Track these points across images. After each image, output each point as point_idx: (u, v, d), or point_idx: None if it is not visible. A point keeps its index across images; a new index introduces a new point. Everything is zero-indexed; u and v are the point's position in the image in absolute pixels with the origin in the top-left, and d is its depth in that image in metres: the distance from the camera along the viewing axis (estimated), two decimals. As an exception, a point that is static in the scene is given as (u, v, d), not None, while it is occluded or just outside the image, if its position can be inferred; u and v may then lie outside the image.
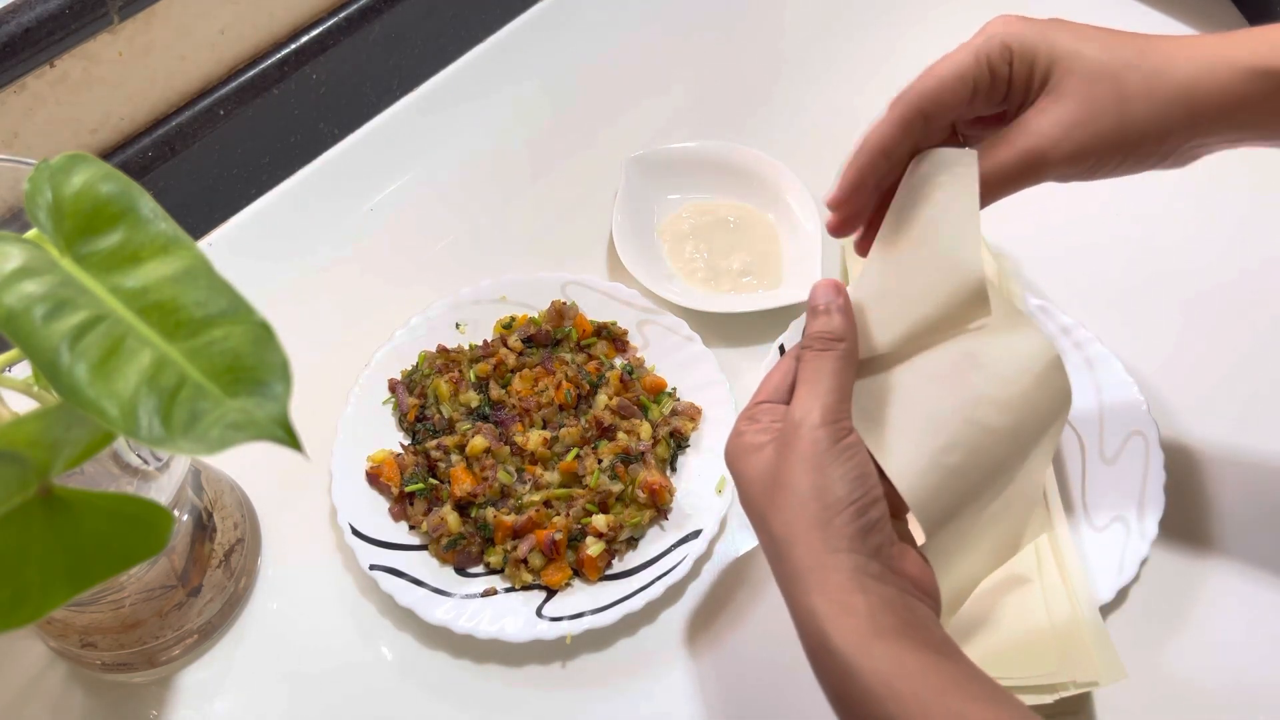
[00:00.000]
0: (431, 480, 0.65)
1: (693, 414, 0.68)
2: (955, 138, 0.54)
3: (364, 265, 0.77)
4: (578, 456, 0.66)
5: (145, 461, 0.51)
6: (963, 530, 0.49)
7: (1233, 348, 0.73)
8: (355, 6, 0.80)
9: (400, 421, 0.69)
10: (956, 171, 0.50)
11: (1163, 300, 0.75)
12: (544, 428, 0.67)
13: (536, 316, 0.72)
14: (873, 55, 0.90)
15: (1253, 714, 0.59)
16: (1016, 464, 0.50)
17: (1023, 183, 0.50)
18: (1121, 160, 0.49)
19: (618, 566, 0.63)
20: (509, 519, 0.63)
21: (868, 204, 0.53)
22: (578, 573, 0.63)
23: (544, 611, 0.61)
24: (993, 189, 0.50)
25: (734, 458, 0.50)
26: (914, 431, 0.48)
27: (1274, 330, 0.74)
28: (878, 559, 0.45)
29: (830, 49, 0.91)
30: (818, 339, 0.49)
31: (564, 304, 0.72)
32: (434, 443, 0.66)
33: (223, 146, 0.77)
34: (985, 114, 0.52)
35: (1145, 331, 0.73)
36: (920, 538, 0.49)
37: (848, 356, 0.48)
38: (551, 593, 0.62)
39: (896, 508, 0.49)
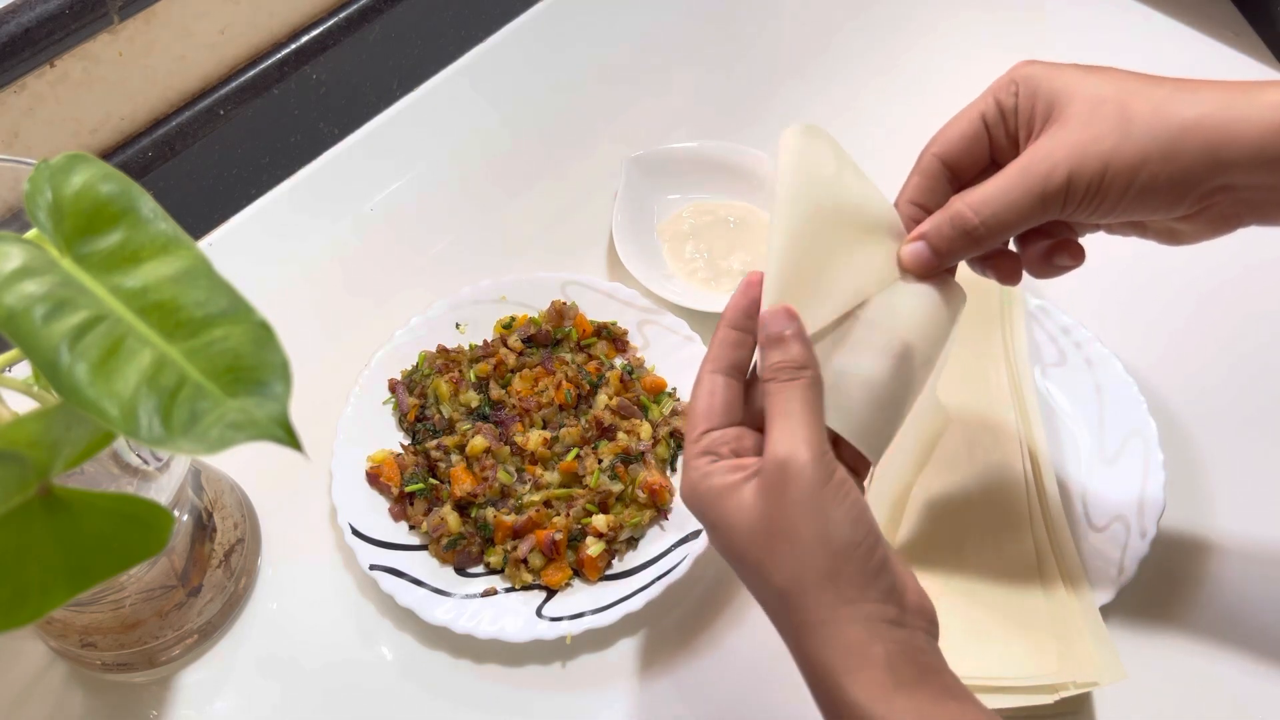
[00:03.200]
0: (431, 480, 0.65)
1: (693, 414, 0.68)
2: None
3: (364, 265, 0.77)
4: (578, 456, 0.66)
5: (145, 461, 0.51)
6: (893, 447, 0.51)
7: (1233, 348, 0.73)
8: (355, 6, 0.80)
9: (400, 421, 0.69)
10: None
11: (1163, 300, 0.75)
12: (544, 428, 0.67)
13: (536, 316, 0.72)
14: (873, 55, 0.90)
15: (1252, 713, 0.59)
16: (924, 376, 0.51)
17: (1032, 212, 0.47)
18: (1125, 190, 0.46)
19: (618, 566, 0.63)
20: (509, 519, 0.63)
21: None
22: (578, 573, 0.63)
23: (544, 611, 0.61)
24: (1004, 223, 0.48)
25: (707, 503, 0.46)
26: (857, 390, 0.49)
27: (1274, 330, 0.74)
28: (892, 602, 0.44)
29: (830, 49, 0.91)
30: (782, 369, 0.46)
31: (564, 304, 0.72)
32: (434, 443, 0.66)
33: (223, 146, 0.77)
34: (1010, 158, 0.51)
35: (1145, 331, 0.73)
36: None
37: (816, 384, 0.46)
38: (551, 593, 0.62)
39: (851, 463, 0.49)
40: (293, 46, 0.78)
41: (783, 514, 0.44)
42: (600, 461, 0.65)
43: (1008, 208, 0.47)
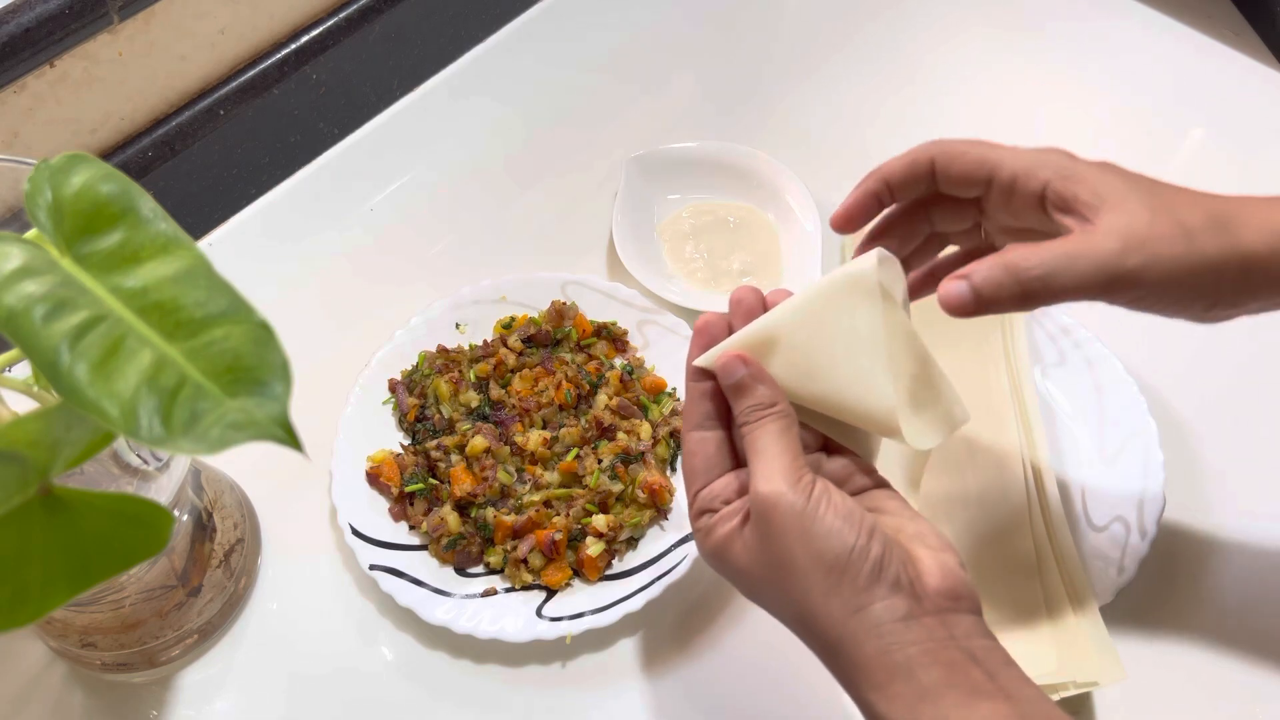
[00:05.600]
0: (431, 480, 0.65)
1: (693, 414, 0.68)
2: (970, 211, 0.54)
3: (364, 265, 0.77)
4: (578, 456, 0.66)
5: (145, 461, 0.51)
6: None
7: (1233, 348, 0.73)
8: (355, 6, 0.80)
9: (400, 421, 0.69)
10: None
11: (1163, 300, 0.75)
12: (544, 428, 0.67)
13: (536, 316, 0.72)
14: (873, 55, 0.90)
15: (1253, 713, 0.59)
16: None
17: (1090, 290, 0.47)
18: (1182, 294, 0.47)
19: (618, 566, 0.63)
20: (509, 519, 0.63)
21: (871, 216, 0.55)
22: (578, 573, 0.63)
23: (544, 611, 0.61)
24: (1062, 287, 0.47)
25: (718, 556, 0.48)
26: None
27: (1274, 330, 0.74)
28: (900, 593, 0.44)
29: (830, 49, 0.91)
30: (751, 412, 0.48)
31: (564, 304, 0.72)
32: (434, 443, 0.66)
33: (223, 146, 0.77)
34: (998, 214, 0.52)
35: (1145, 332, 0.72)
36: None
37: (786, 415, 0.48)
38: (551, 593, 0.62)
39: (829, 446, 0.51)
40: (293, 46, 0.78)
41: (775, 545, 0.45)
42: (600, 461, 0.66)
43: (1072, 277, 0.47)
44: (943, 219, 0.55)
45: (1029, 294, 0.47)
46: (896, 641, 0.43)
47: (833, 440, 0.52)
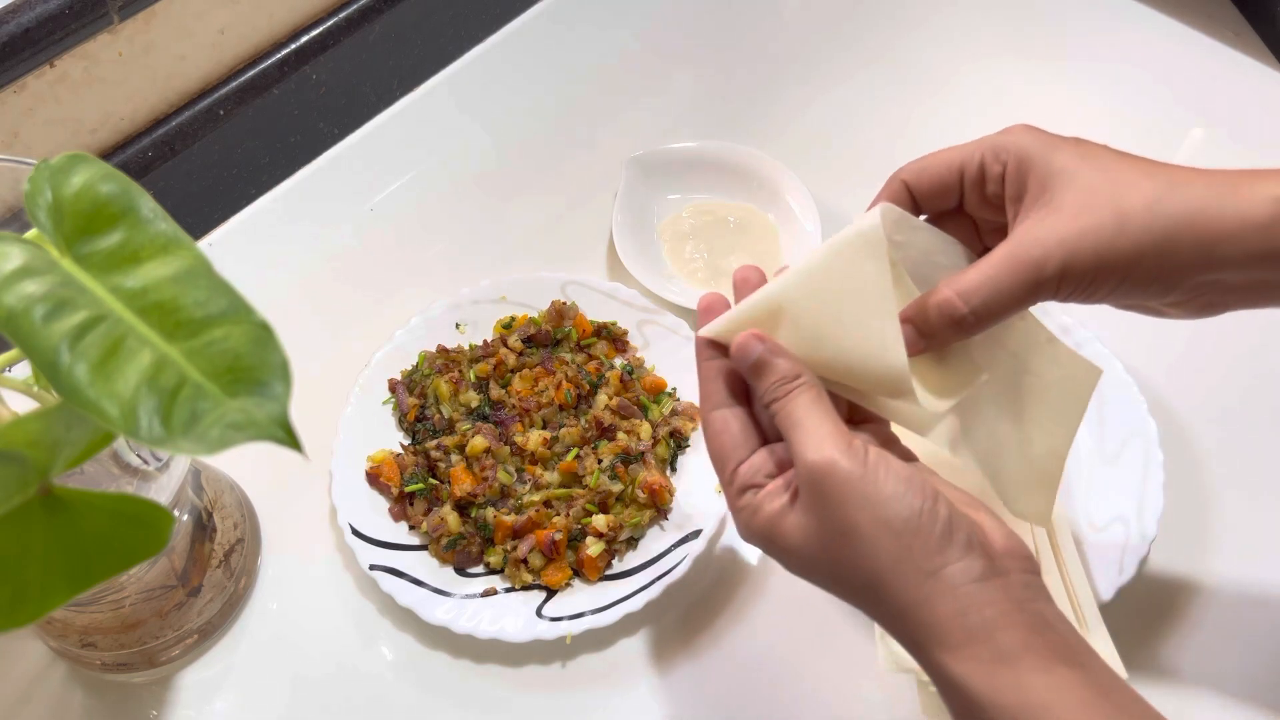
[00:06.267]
0: (431, 480, 0.65)
1: (693, 414, 0.68)
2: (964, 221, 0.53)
3: (364, 265, 0.77)
4: (578, 456, 0.66)
5: (145, 461, 0.51)
6: None
7: (1233, 348, 0.73)
8: (355, 6, 0.80)
9: (400, 421, 0.69)
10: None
11: (1163, 300, 0.75)
12: (544, 428, 0.67)
13: (536, 316, 0.72)
14: (873, 55, 0.90)
15: (1252, 713, 0.59)
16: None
17: (1023, 300, 0.46)
18: (1120, 282, 0.46)
19: (618, 566, 0.63)
20: (509, 519, 0.63)
21: None
22: (578, 573, 0.63)
23: (544, 611, 0.61)
24: (993, 311, 0.47)
25: (767, 535, 0.46)
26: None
27: (1274, 330, 0.74)
28: (972, 554, 0.42)
29: (830, 49, 0.91)
30: (776, 388, 0.46)
31: (564, 304, 0.72)
32: (434, 443, 0.66)
33: (223, 146, 0.77)
34: (980, 213, 0.51)
35: (1145, 332, 0.72)
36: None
37: (813, 387, 0.46)
38: (551, 593, 0.62)
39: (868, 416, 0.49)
40: (293, 46, 0.78)
41: (835, 515, 0.43)
42: (600, 461, 0.66)
43: (998, 295, 0.46)
44: None
45: (967, 329, 0.47)
46: (973, 603, 0.42)
47: (855, 411, 0.49)
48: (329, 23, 0.79)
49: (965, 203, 0.51)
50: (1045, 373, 0.50)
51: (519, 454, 0.66)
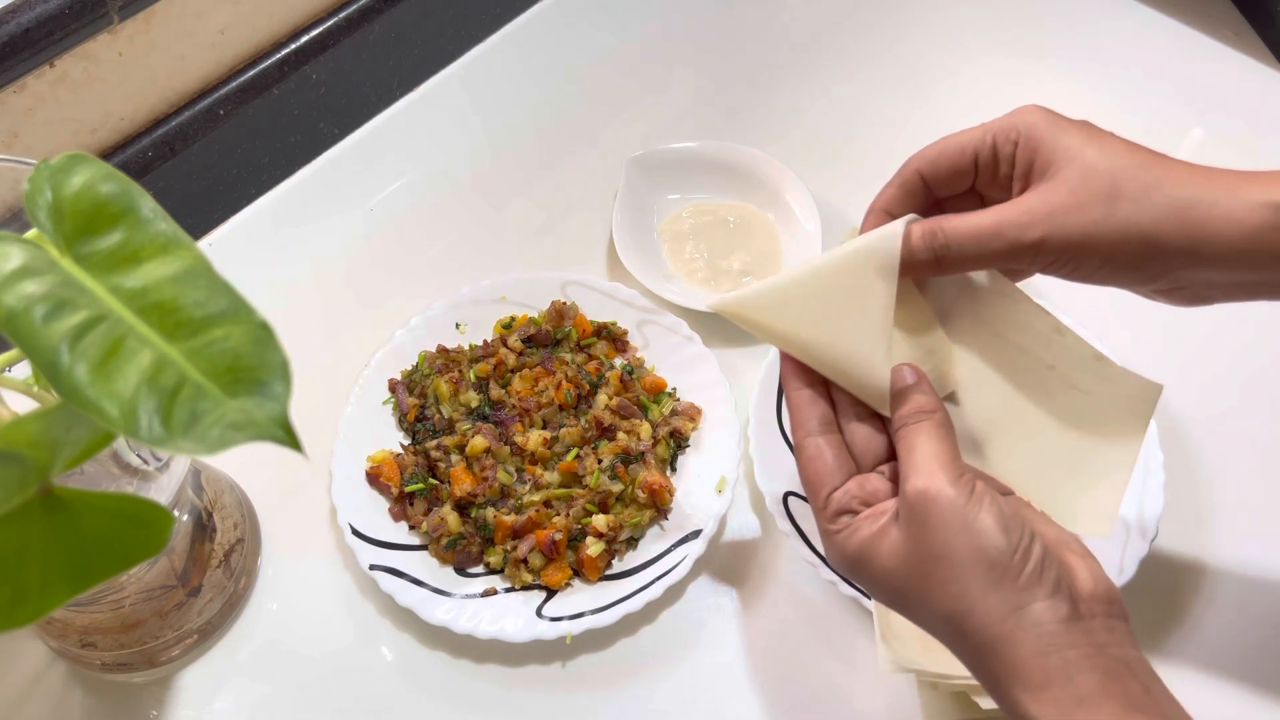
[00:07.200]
0: (431, 480, 0.65)
1: (693, 414, 0.68)
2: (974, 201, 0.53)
3: (364, 265, 0.77)
4: (578, 456, 0.66)
5: (145, 461, 0.51)
6: None
7: (1233, 348, 0.73)
8: (355, 6, 0.80)
9: (400, 421, 0.69)
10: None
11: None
12: (544, 428, 0.67)
13: (536, 316, 0.72)
14: (873, 55, 0.90)
15: (1252, 713, 0.59)
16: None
17: (999, 257, 0.48)
18: (1103, 264, 0.47)
19: (618, 566, 0.63)
20: (509, 519, 0.63)
21: None
22: (578, 573, 0.63)
23: (544, 611, 0.61)
24: (968, 257, 0.48)
25: (861, 557, 0.47)
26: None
27: (1274, 330, 0.74)
28: (1059, 595, 0.43)
29: (830, 48, 0.91)
30: (911, 415, 0.48)
31: (564, 304, 0.72)
32: (434, 443, 0.66)
33: (223, 146, 0.77)
34: (991, 193, 0.52)
35: (1145, 332, 0.73)
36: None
37: (944, 423, 0.48)
38: (551, 593, 0.62)
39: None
40: (293, 46, 0.78)
41: (933, 539, 0.44)
42: (600, 461, 0.66)
43: (977, 245, 0.48)
44: None
45: (944, 263, 0.48)
46: (1055, 644, 0.42)
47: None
48: (329, 23, 0.79)
49: (978, 182, 0.51)
50: (1097, 390, 0.51)
51: (519, 454, 0.66)
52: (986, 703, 0.55)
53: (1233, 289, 0.48)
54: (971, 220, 0.48)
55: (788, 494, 0.63)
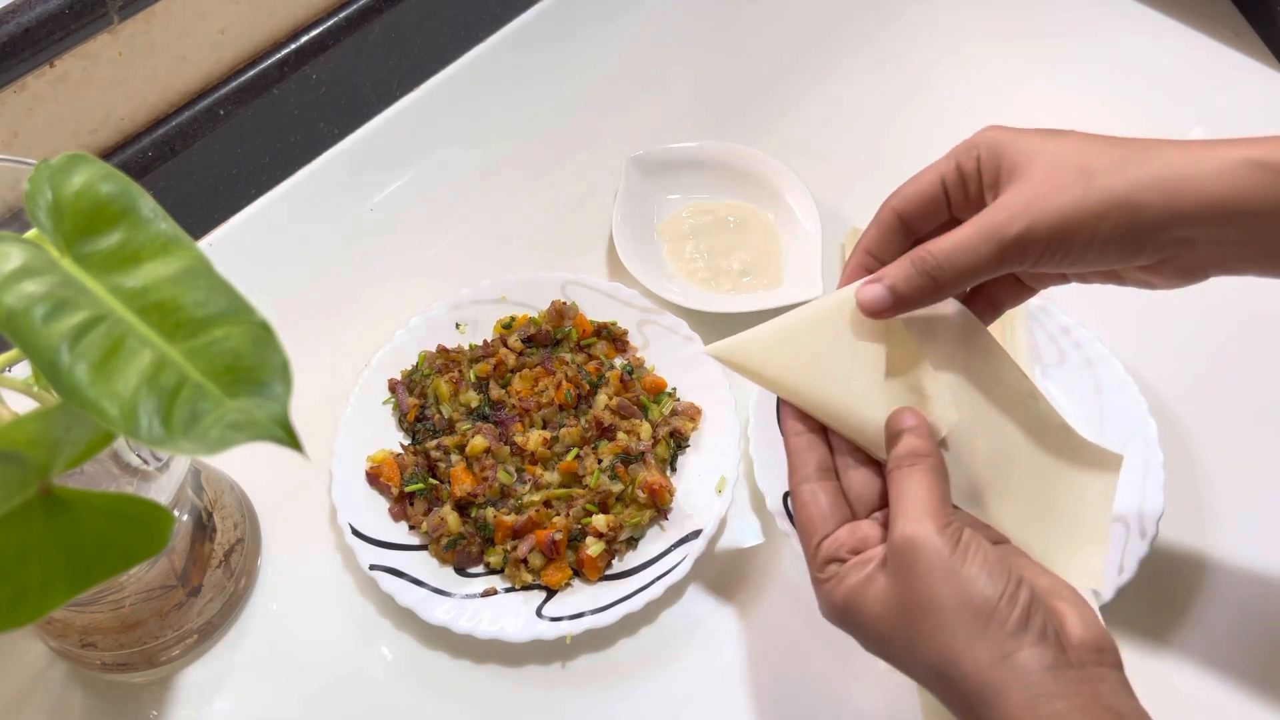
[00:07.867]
0: (431, 480, 0.65)
1: (693, 414, 0.68)
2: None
3: (364, 265, 0.77)
4: (578, 456, 0.66)
5: (145, 461, 0.51)
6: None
7: (1233, 347, 0.73)
8: (355, 6, 0.80)
9: (400, 421, 0.69)
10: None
11: (1163, 300, 0.75)
12: (544, 428, 0.67)
13: (536, 316, 0.72)
14: (873, 55, 0.90)
15: (1252, 713, 0.59)
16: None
17: (991, 263, 0.47)
18: (1089, 240, 0.46)
19: (618, 566, 0.63)
20: (509, 519, 0.63)
21: None
22: (578, 573, 0.63)
23: (544, 611, 0.61)
24: (962, 271, 0.48)
25: (848, 605, 0.47)
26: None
27: (1274, 330, 0.74)
28: (1045, 643, 0.43)
29: (830, 49, 0.91)
30: (904, 459, 0.48)
31: (564, 304, 0.72)
32: (434, 443, 0.66)
33: (223, 146, 0.77)
34: (966, 216, 0.51)
35: (1145, 332, 0.73)
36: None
37: (937, 469, 0.48)
38: (551, 593, 0.62)
39: None
40: (293, 46, 0.78)
41: (919, 588, 0.44)
42: (600, 461, 0.65)
43: (966, 256, 0.47)
44: None
45: (940, 284, 0.48)
46: (1044, 694, 0.42)
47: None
48: (329, 23, 0.79)
49: (952, 209, 0.52)
50: (1064, 457, 0.53)
51: (519, 454, 0.66)
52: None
53: (1220, 254, 0.47)
54: (956, 235, 0.48)
55: (788, 494, 0.63)
